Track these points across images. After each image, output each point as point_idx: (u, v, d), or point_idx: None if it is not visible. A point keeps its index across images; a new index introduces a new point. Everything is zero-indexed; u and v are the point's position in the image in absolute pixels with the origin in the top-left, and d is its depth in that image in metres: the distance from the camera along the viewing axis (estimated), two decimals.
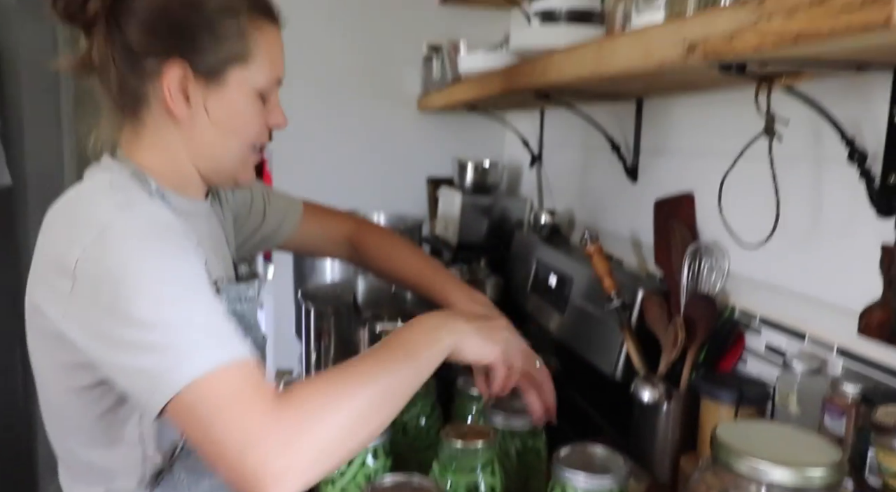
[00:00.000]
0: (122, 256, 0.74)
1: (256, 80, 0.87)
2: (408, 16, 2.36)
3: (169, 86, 0.83)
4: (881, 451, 0.75)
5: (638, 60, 0.82)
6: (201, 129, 0.88)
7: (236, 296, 0.95)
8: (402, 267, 1.22)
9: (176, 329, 0.72)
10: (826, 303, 0.97)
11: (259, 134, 0.92)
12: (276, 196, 1.24)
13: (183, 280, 0.76)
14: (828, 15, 0.51)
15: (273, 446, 0.68)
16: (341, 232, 1.27)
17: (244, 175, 0.95)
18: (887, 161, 0.83)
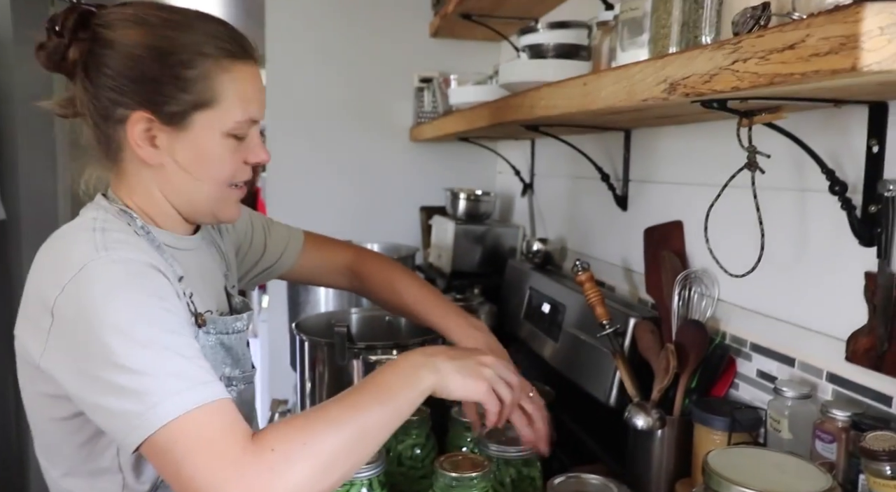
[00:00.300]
0: (96, 299, 0.76)
1: (224, 122, 0.88)
2: (399, 49, 2.41)
3: (133, 134, 0.86)
4: (871, 476, 0.77)
5: (622, 97, 0.84)
6: (171, 172, 0.90)
7: (223, 328, 0.97)
8: (403, 295, 1.22)
9: (147, 374, 0.73)
10: (814, 329, 0.99)
11: (234, 173, 0.93)
12: (276, 227, 1.26)
13: (155, 323, 0.77)
14: (799, 59, 0.54)
15: (245, 489, 0.70)
16: (342, 261, 1.28)
17: (224, 213, 0.96)
18: (867, 192, 0.86)
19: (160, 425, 0.72)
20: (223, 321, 0.97)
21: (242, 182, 0.96)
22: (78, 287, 0.77)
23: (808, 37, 0.53)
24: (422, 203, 2.49)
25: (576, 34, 1.30)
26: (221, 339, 0.97)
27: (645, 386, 1.15)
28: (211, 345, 0.95)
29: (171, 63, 0.84)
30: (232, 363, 0.99)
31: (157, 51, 0.84)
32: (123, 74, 0.84)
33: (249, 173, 0.95)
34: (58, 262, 0.81)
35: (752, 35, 0.61)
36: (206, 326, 0.94)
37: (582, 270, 1.23)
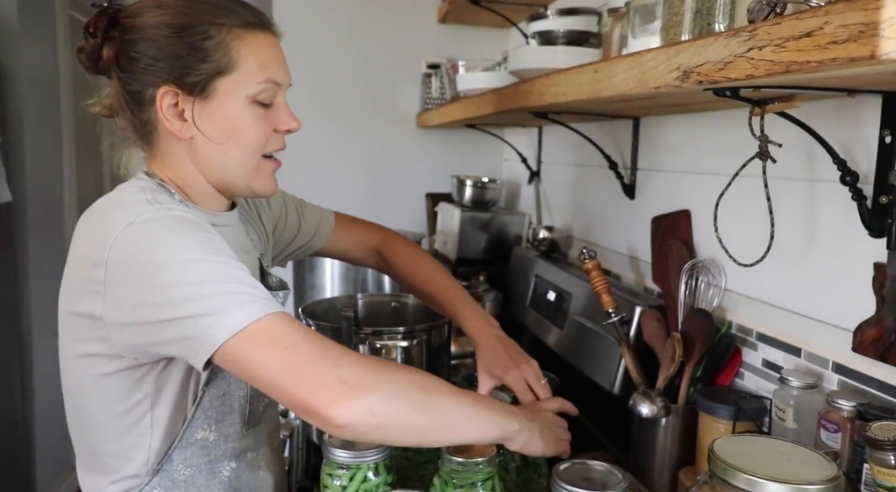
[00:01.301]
0: (151, 239, 0.82)
1: (245, 86, 0.91)
2: (407, 34, 2.39)
3: (162, 109, 0.90)
4: (875, 465, 0.77)
5: (634, 85, 0.84)
6: (201, 143, 0.93)
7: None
8: (426, 281, 1.28)
9: (217, 283, 0.79)
10: (821, 320, 0.99)
11: (265, 141, 0.95)
12: (309, 207, 1.31)
13: (216, 251, 0.83)
14: (816, 47, 0.53)
15: (350, 375, 0.78)
16: (369, 242, 1.35)
17: (259, 185, 0.98)
18: (878, 182, 0.85)
19: (243, 326, 0.77)
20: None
21: (276, 153, 0.98)
22: (133, 234, 0.82)
23: (826, 24, 0.53)
24: (428, 190, 2.49)
25: (586, 21, 1.30)
26: None
27: (650, 374, 1.15)
28: None
29: (189, 36, 0.88)
30: None
31: (176, 27, 0.88)
32: (149, 55, 0.89)
33: (281, 143, 0.98)
34: (107, 221, 0.85)
35: (768, 22, 0.60)
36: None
37: (589, 259, 1.23)
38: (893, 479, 0.76)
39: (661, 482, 1.10)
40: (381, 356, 1.30)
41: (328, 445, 1.03)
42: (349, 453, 1.00)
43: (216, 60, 0.89)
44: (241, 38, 0.91)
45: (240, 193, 1.01)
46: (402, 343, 1.29)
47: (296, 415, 1.80)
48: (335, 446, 1.02)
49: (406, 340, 1.29)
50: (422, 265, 1.30)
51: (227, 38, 0.90)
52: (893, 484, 0.76)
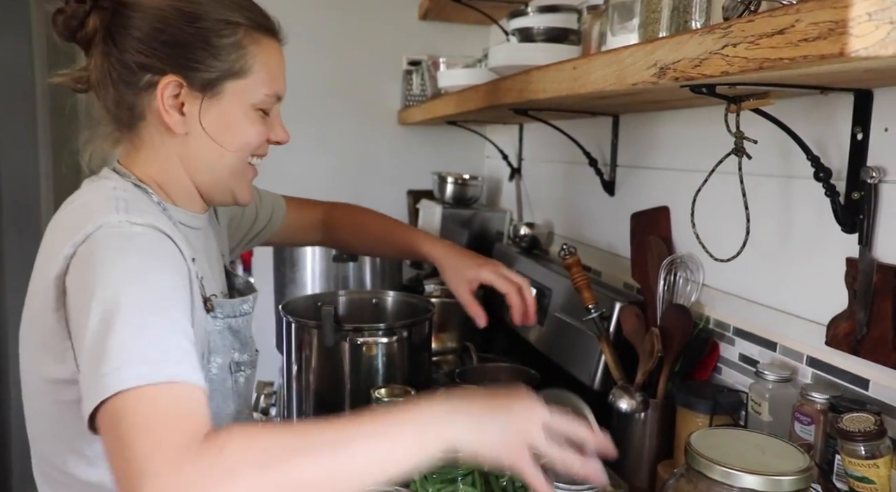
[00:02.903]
0: (104, 255, 0.74)
1: (253, 94, 0.88)
2: (388, 31, 2.39)
3: (163, 99, 0.85)
4: (847, 457, 0.78)
5: (612, 81, 0.84)
6: (197, 141, 0.88)
7: (231, 311, 0.95)
8: (373, 231, 1.27)
9: (127, 338, 0.68)
10: (795, 314, 1.01)
11: (258, 147, 0.93)
12: (263, 194, 1.28)
13: (153, 292, 0.73)
14: (788, 44, 0.54)
15: (173, 487, 0.60)
16: (316, 217, 1.33)
17: (242, 191, 0.95)
18: (850, 179, 0.87)
19: (115, 391, 0.64)
20: (230, 304, 0.95)
21: (257, 161, 0.96)
22: (93, 242, 0.75)
23: (797, 22, 0.53)
24: (409, 187, 2.48)
25: (565, 18, 1.30)
26: (229, 323, 0.94)
27: (629, 370, 1.16)
28: (219, 330, 0.92)
29: (202, 29, 0.84)
30: (240, 348, 0.97)
31: (186, 15, 0.83)
32: (153, 37, 0.83)
33: (267, 150, 0.96)
34: (76, 225, 0.78)
35: (742, 20, 0.61)
36: (214, 310, 0.92)
37: (569, 255, 1.24)
38: (863, 469, 0.77)
39: (640, 476, 1.11)
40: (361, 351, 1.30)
41: None
42: None
43: (230, 61, 0.86)
44: (257, 42, 0.88)
45: (220, 197, 0.96)
46: (383, 340, 1.29)
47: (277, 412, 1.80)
48: None
49: (387, 336, 1.29)
50: (365, 218, 1.29)
51: (245, 41, 0.86)
52: (863, 474, 0.77)
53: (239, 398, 0.97)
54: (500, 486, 0.97)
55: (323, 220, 1.32)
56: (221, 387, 0.93)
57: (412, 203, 2.44)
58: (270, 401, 1.84)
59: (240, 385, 0.97)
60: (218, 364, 0.92)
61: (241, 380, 0.97)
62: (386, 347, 1.32)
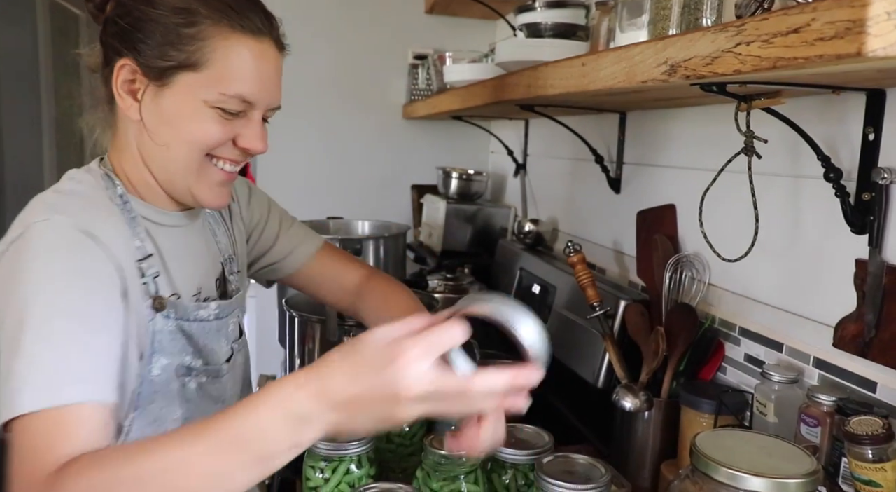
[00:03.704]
0: (18, 265, 0.75)
1: (207, 90, 0.82)
2: (394, 24, 2.38)
3: (117, 82, 0.84)
4: (853, 460, 0.78)
5: (622, 78, 0.84)
6: (150, 129, 0.85)
7: (184, 314, 0.90)
8: (391, 312, 1.06)
9: (28, 358, 0.70)
10: (803, 315, 1.00)
11: (213, 143, 0.86)
12: (296, 227, 1.19)
13: (60, 306, 0.73)
14: (803, 43, 0.53)
15: None
16: (352, 280, 1.16)
17: (202, 192, 0.89)
18: (861, 179, 0.86)
19: (11, 416, 0.68)
20: (184, 307, 0.90)
21: (228, 166, 0.89)
22: (17, 248, 0.77)
23: (813, 20, 0.53)
24: (413, 181, 2.48)
25: (573, 14, 1.29)
26: (181, 325, 0.90)
27: (633, 368, 1.15)
28: (170, 330, 0.89)
29: (170, 15, 0.81)
30: (193, 352, 0.92)
31: (164, 3, 0.82)
32: (121, 18, 0.83)
33: (236, 155, 0.89)
34: (18, 219, 0.81)
35: (755, 18, 0.60)
36: (166, 310, 0.88)
37: (574, 252, 1.23)
38: (870, 473, 0.77)
39: (644, 476, 1.10)
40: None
41: None
42: (332, 445, 1.00)
43: (187, 52, 0.81)
44: (223, 37, 0.82)
45: (183, 198, 0.91)
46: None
47: None
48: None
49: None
50: (399, 297, 1.10)
51: (208, 32, 0.81)
52: (870, 478, 0.77)
53: (189, 404, 0.91)
54: (503, 484, 0.96)
55: (357, 289, 1.15)
56: (164, 389, 0.88)
57: (416, 198, 2.44)
58: None
59: (189, 391, 0.92)
60: (162, 365, 0.88)
61: (190, 385, 0.92)
62: None
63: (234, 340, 1.01)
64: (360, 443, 0.99)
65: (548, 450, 0.97)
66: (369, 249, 1.76)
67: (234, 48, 0.83)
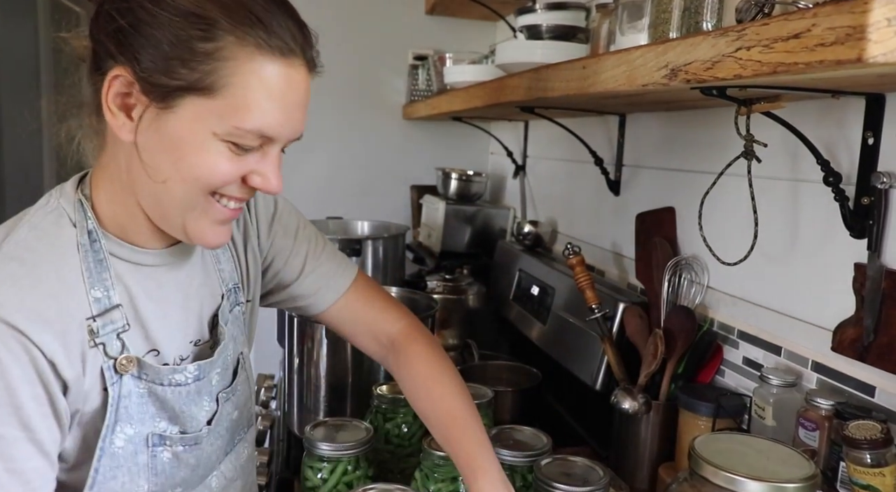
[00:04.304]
0: None
1: (219, 122, 0.68)
2: (394, 25, 2.38)
3: (108, 94, 0.69)
4: (852, 464, 0.78)
5: (622, 81, 0.84)
6: (145, 158, 0.71)
7: (156, 378, 0.77)
8: (432, 403, 0.94)
9: None
10: (801, 319, 1.00)
11: (220, 181, 0.72)
12: (327, 257, 1.00)
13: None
14: (804, 48, 0.54)
15: None
16: (388, 329, 1.01)
17: (198, 232, 0.75)
18: (860, 184, 0.86)
19: None
20: (155, 371, 0.77)
21: (233, 204, 0.75)
22: None
23: (813, 26, 0.53)
24: (413, 182, 2.48)
25: (574, 16, 1.29)
26: (153, 389, 0.77)
27: (632, 371, 1.16)
28: (139, 393, 0.76)
29: (178, 21, 0.66)
30: (168, 419, 0.79)
31: (177, 9, 0.66)
32: (117, 14, 0.68)
33: (243, 192, 0.75)
34: None
35: (756, 23, 0.60)
36: (136, 370, 0.75)
37: (573, 254, 1.23)
38: (869, 477, 0.77)
39: (642, 478, 1.10)
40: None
41: (309, 437, 1.03)
42: (331, 446, 1.00)
43: (199, 71, 0.66)
44: (248, 58, 0.67)
45: (174, 234, 0.77)
46: None
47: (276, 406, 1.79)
48: (317, 438, 1.02)
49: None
50: (441, 379, 0.95)
51: (229, 51, 0.66)
52: (868, 482, 0.77)
53: (158, 477, 0.79)
54: None
55: (393, 343, 1.00)
56: (128, 463, 0.76)
57: (415, 198, 2.44)
58: (270, 394, 1.84)
59: (161, 462, 0.79)
60: (127, 436, 0.76)
61: (163, 456, 0.79)
62: None
63: (223, 389, 0.86)
64: (358, 443, 0.99)
65: (546, 452, 0.97)
66: (368, 249, 1.76)
67: (256, 73, 0.68)
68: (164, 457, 0.79)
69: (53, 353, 0.69)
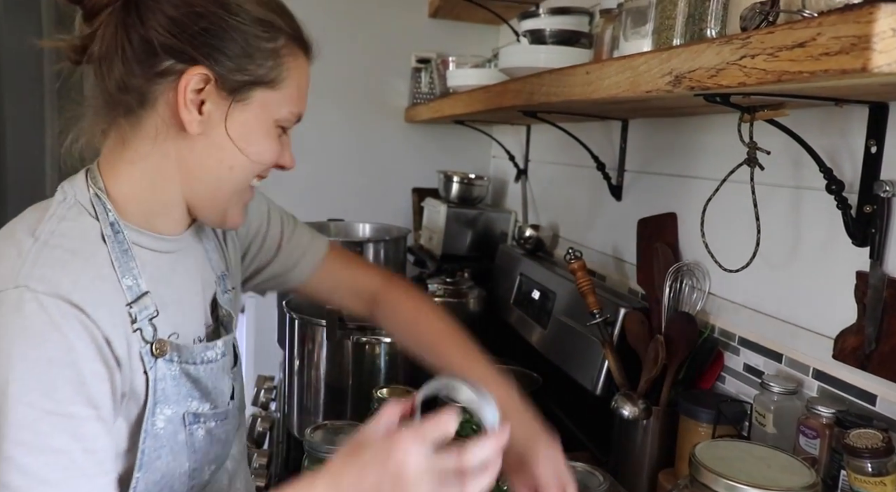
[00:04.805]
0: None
1: (280, 108, 0.81)
2: (397, 28, 2.38)
3: (185, 92, 0.75)
4: (853, 473, 0.78)
5: (626, 87, 0.84)
6: (207, 146, 0.78)
7: (189, 357, 0.82)
8: (420, 335, 1.02)
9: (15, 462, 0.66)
10: (803, 326, 1.00)
11: (266, 167, 0.84)
12: (299, 232, 1.08)
13: (42, 399, 0.68)
14: (808, 57, 0.54)
15: None
16: (366, 286, 1.08)
17: (234, 213, 0.85)
18: (863, 192, 0.86)
19: None
20: (189, 351, 0.82)
21: (256, 183, 0.86)
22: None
23: (818, 35, 0.53)
24: (414, 184, 2.48)
25: (577, 21, 1.29)
26: (187, 369, 0.82)
27: (632, 376, 1.15)
28: (173, 375, 0.80)
29: (247, 25, 0.76)
30: (200, 397, 0.84)
31: (230, 7, 0.75)
32: (189, 20, 0.74)
33: (267, 172, 0.86)
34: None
35: (761, 31, 0.60)
36: (168, 354, 0.80)
37: (574, 259, 1.23)
38: (870, 486, 0.77)
39: (641, 484, 1.10)
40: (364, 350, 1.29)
41: (310, 440, 1.03)
42: (331, 449, 1.00)
43: (266, 68, 0.78)
44: (294, 56, 0.81)
45: (209, 215, 0.85)
46: (386, 340, 1.29)
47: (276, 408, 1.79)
48: (317, 441, 1.02)
49: (390, 337, 1.29)
50: (421, 315, 1.03)
51: (284, 51, 0.79)
52: (869, 491, 0.77)
53: (196, 454, 0.84)
54: (501, 490, 0.96)
55: (374, 296, 1.07)
56: (170, 442, 0.81)
57: (417, 201, 2.44)
58: (270, 396, 1.84)
59: (197, 439, 0.84)
60: (166, 416, 0.80)
61: (198, 433, 0.84)
62: (389, 347, 1.32)
63: (232, 368, 0.91)
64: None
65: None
66: (369, 251, 1.77)
67: (300, 67, 0.83)
68: (199, 434, 0.84)
69: (109, 331, 0.73)
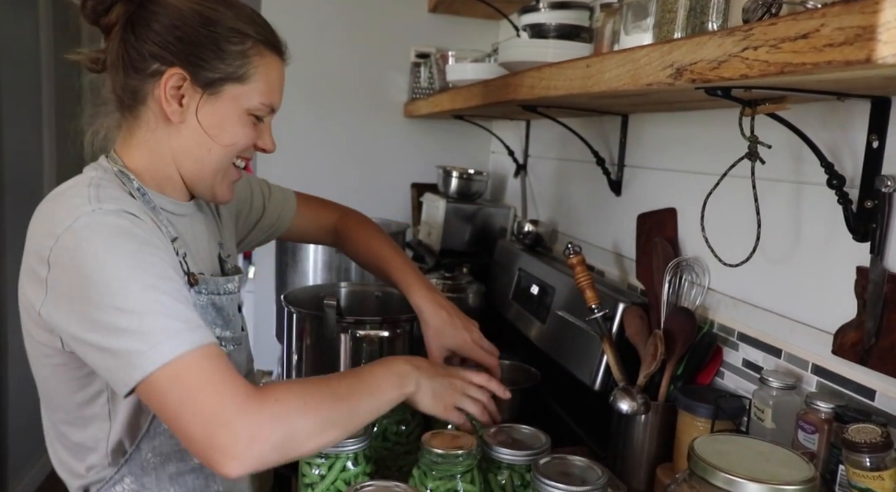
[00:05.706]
0: (91, 247, 0.80)
1: (249, 100, 0.95)
2: (397, 22, 2.37)
3: (166, 88, 0.91)
4: (851, 467, 0.78)
5: (626, 81, 0.83)
6: (189, 132, 0.95)
7: (215, 288, 1.01)
8: (375, 254, 1.31)
9: (147, 315, 0.78)
10: (802, 322, 1.00)
11: (245, 147, 0.99)
12: (274, 191, 1.33)
13: (150, 268, 0.82)
14: (812, 49, 0.53)
15: (242, 431, 0.76)
16: (328, 221, 1.38)
17: (222, 189, 1.01)
18: (864, 187, 0.86)
19: (163, 363, 0.76)
20: (214, 282, 1.01)
21: (240, 163, 1.02)
22: (73, 236, 0.81)
23: (822, 26, 0.52)
24: (413, 180, 2.48)
25: (577, 15, 1.29)
26: (213, 299, 1.00)
27: (631, 371, 1.15)
28: (202, 305, 0.98)
29: (214, 33, 0.91)
30: (223, 324, 1.02)
31: (204, 19, 0.91)
32: (170, 32, 0.90)
33: (249, 154, 1.02)
34: (54, 213, 0.85)
35: (764, 22, 0.60)
36: (199, 285, 0.97)
37: (573, 254, 1.23)
38: (868, 481, 0.76)
39: (639, 478, 1.10)
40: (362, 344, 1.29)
41: None
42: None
43: (234, 66, 0.93)
44: (262, 55, 0.95)
45: (201, 191, 1.01)
46: (384, 333, 1.29)
47: None
48: None
49: (388, 329, 1.28)
50: (372, 240, 1.33)
51: (251, 52, 0.94)
52: (868, 486, 0.77)
53: None
54: (499, 484, 0.96)
55: (336, 226, 1.37)
56: None
57: (416, 196, 2.44)
58: None
59: None
60: None
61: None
62: (387, 341, 1.31)
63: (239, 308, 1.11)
64: (356, 441, 0.99)
65: (544, 451, 0.97)
66: None
67: (269, 64, 0.96)
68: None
69: (171, 251, 0.91)
